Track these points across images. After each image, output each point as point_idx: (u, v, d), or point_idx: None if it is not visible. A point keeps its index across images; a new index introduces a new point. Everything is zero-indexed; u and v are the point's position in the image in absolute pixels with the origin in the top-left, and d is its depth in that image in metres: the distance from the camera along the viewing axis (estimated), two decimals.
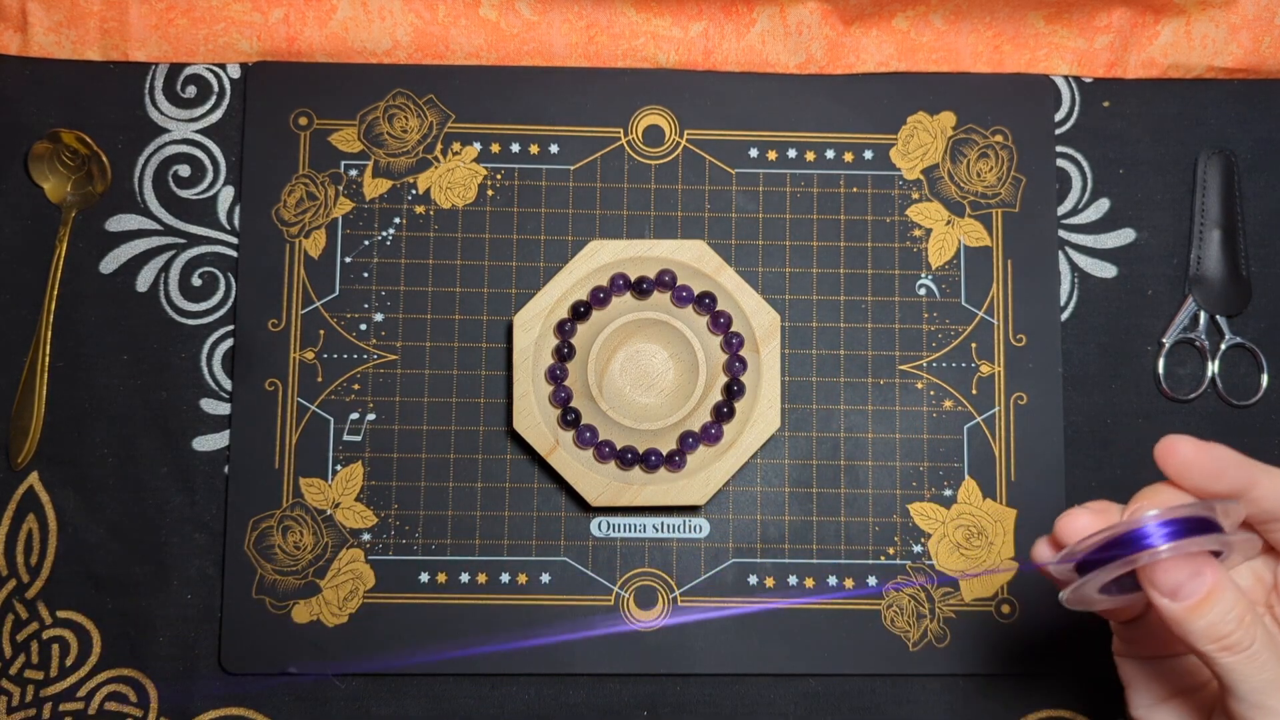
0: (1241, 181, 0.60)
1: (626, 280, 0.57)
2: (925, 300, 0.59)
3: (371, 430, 0.58)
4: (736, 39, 0.61)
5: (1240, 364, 0.59)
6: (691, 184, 0.60)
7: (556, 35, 0.61)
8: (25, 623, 0.56)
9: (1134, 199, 0.60)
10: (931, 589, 0.57)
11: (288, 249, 0.59)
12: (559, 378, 0.57)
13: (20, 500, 0.57)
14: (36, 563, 0.57)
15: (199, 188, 0.59)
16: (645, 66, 0.61)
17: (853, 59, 0.61)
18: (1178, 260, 0.60)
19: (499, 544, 0.57)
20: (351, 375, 0.58)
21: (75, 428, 0.57)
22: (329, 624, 0.56)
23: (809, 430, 0.58)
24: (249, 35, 0.60)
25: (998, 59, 0.62)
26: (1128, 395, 0.59)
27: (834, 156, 0.60)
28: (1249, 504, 0.36)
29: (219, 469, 0.58)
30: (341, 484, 0.57)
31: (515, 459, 0.58)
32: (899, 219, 0.60)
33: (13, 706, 0.56)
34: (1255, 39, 0.62)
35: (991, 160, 0.60)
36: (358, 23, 0.60)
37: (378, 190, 0.59)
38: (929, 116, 0.60)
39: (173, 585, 0.57)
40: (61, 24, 0.60)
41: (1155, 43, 0.62)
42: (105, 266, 0.59)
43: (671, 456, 0.56)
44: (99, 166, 0.59)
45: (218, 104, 0.60)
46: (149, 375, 0.58)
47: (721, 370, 0.57)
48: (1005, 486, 0.58)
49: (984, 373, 0.59)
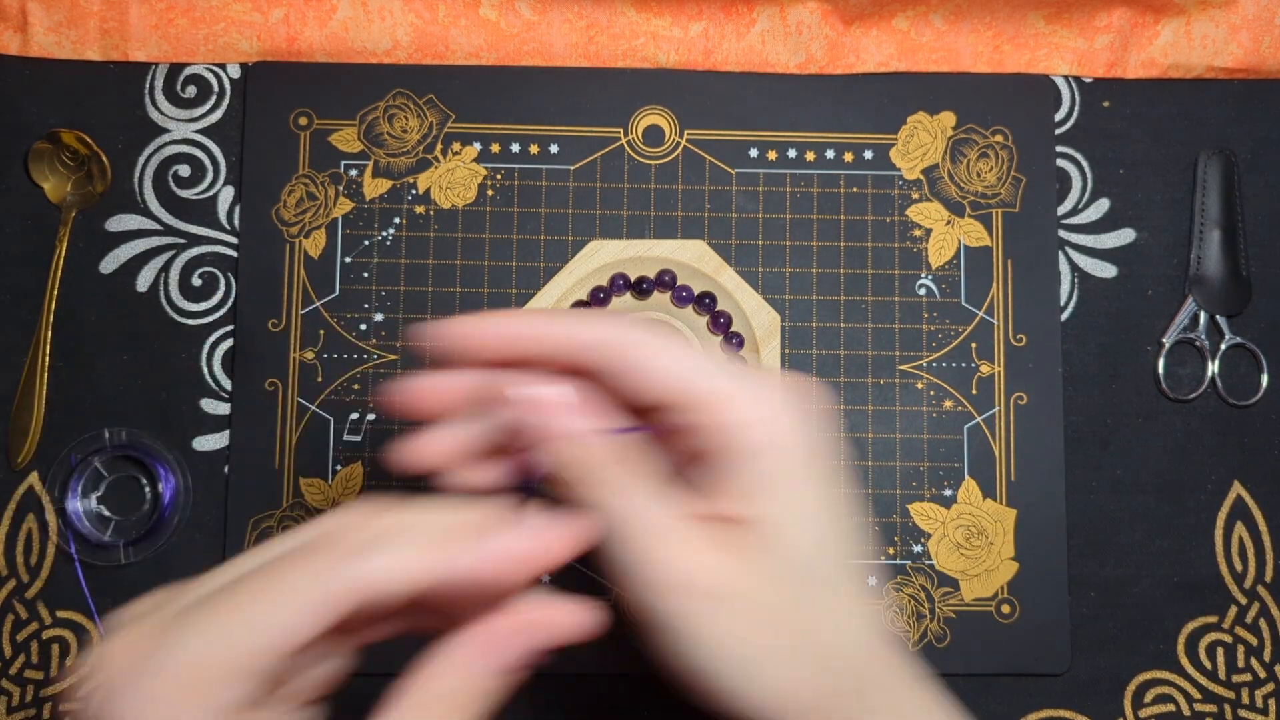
0: (1241, 181, 0.60)
1: (626, 280, 0.57)
2: (925, 300, 0.59)
3: (371, 430, 0.58)
4: (736, 39, 0.61)
5: (1240, 364, 0.59)
6: (691, 184, 0.60)
7: (556, 35, 0.61)
8: (25, 623, 0.56)
9: (1134, 199, 0.60)
10: (931, 589, 0.57)
11: (288, 249, 0.59)
12: None
13: (20, 500, 0.57)
14: (36, 563, 0.57)
15: (199, 188, 0.59)
16: (645, 66, 0.61)
17: (853, 59, 0.61)
18: (1178, 260, 0.60)
19: None
20: (351, 375, 0.58)
21: (75, 428, 0.57)
22: None
23: None
24: (249, 35, 0.60)
25: (998, 59, 0.62)
26: (1128, 395, 0.59)
27: (834, 156, 0.60)
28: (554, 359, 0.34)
29: (219, 469, 0.58)
30: (341, 484, 0.57)
31: None
32: (899, 219, 0.60)
33: (13, 706, 0.56)
34: (1255, 39, 0.62)
35: (991, 160, 0.60)
36: (358, 23, 0.60)
37: (378, 190, 0.59)
38: (929, 116, 0.60)
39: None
40: (61, 24, 0.60)
41: (1155, 43, 0.62)
42: (105, 266, 0.59)
43: None
44: (99, 166, 0.59)
45: (218, 104, 0.60)
46: (149, 375, 0.58)
47: None
48: (1005, 486, 0.58)
49: (984, 373, 0.59)
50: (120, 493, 0.58)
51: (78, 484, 0.57)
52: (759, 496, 0.34)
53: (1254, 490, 0.58)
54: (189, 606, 0.29)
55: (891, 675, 0.35)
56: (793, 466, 0.34)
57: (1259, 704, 0.57)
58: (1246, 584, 0.58)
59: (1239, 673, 0.57)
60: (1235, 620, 0.58)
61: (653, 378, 0.34)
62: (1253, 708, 0.57)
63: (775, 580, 0.33)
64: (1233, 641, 0.57)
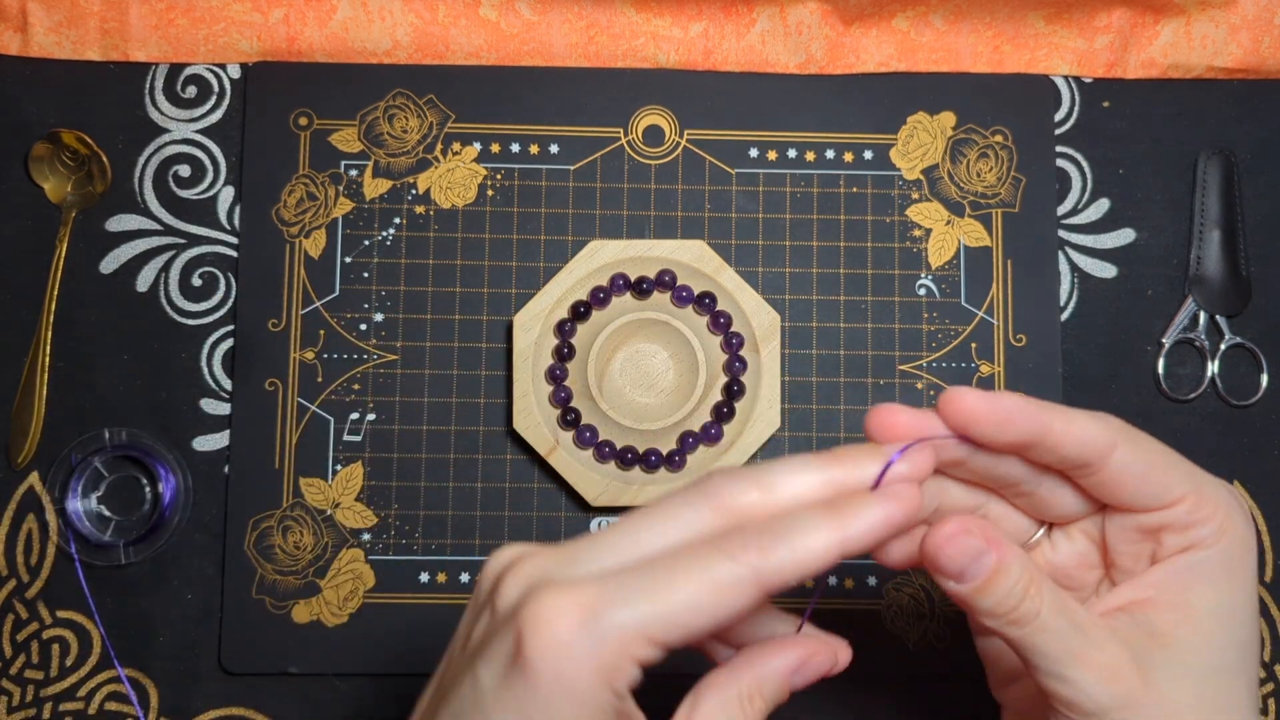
0: (1241, 181, 0.60)
1: (626, 280, 0.57)
2: (925, 300, 0.59)
3: (371, 430, 0.58)
4: (736, 39, 0.61)
5: (1240, 364, 0.59)
6: (691, 184, 0.60)
7: (556, 35, 0.61)
8: (25, 623, 0.56)
9: (1134, 199, 0.60)
10: (931, 589, 0.57)
11: (288, 249, 0.59)
12: (559, 378, 0.57)
13: (20, 500, 0.57)
14: (36, 563, 0.57)
15: (199, 188, 0.59)
16: (645, 66, 0.61)
17: (853, 59, 0.61)
18: (1178, 260, 0.60)
19: (499, 544, 0.57)
20: (351, 375, 0.58)
21: (75, 428, 0.57)
22: (329, 624, 0.56)
23: (809, 430, 0.58)
24: (249, 35, 0.60)
25: (998, 59, 0.62)
26: (1128, 395, 0.59)
27: (834, 156, 0.60)
28: (1045, 453, 0.34)
29: (219, 469, 0.58)
30: (341, 484, 0.57)
31: (515, 459, 0.58)
32: (899, 219, 0.60)
33: (13, 706, 0.56)
34: (1255, 39, 0.62)
35: (991, 160, 0.60)
36: (358, 23, 0.60)
37: (378, 190, 0.59)
38: (929, 116, 0.60)
39: (173, 585, 0.57)
40: (61, 24, 0.60)
41: (1155, 43, 0.62)
42: (105, 266, 0.59)
43: (671, 457, 0.56)
44: (99, 166, 0.59)
45: (218, 104, 0.60)
46: (149, 375, 0.58)
47: (721, 370, 0.57)
48: None
49: (984, 373, 0.59)
50: (120, 493, 0.58)
51: (78, 484, 0.57)
52: (1193, 587, 0.35)
53: (1254, 490, 0.58)
54: (622, 575, 0.30)
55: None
56: (1240, 565, 0.35)
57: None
58: None
59: None
60: None
61: (1151, 479, 0.35)
62: None
63: (1179, 675, 0.34)
64: None
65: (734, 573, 0.30)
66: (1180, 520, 0.35)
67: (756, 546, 0.30)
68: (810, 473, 0.32)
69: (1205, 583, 0.35)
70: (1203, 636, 0.34)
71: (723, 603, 0.30)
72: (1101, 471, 0.35)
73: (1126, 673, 0.34)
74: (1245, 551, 0.35)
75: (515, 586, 0.31)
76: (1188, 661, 0.34)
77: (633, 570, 0.30)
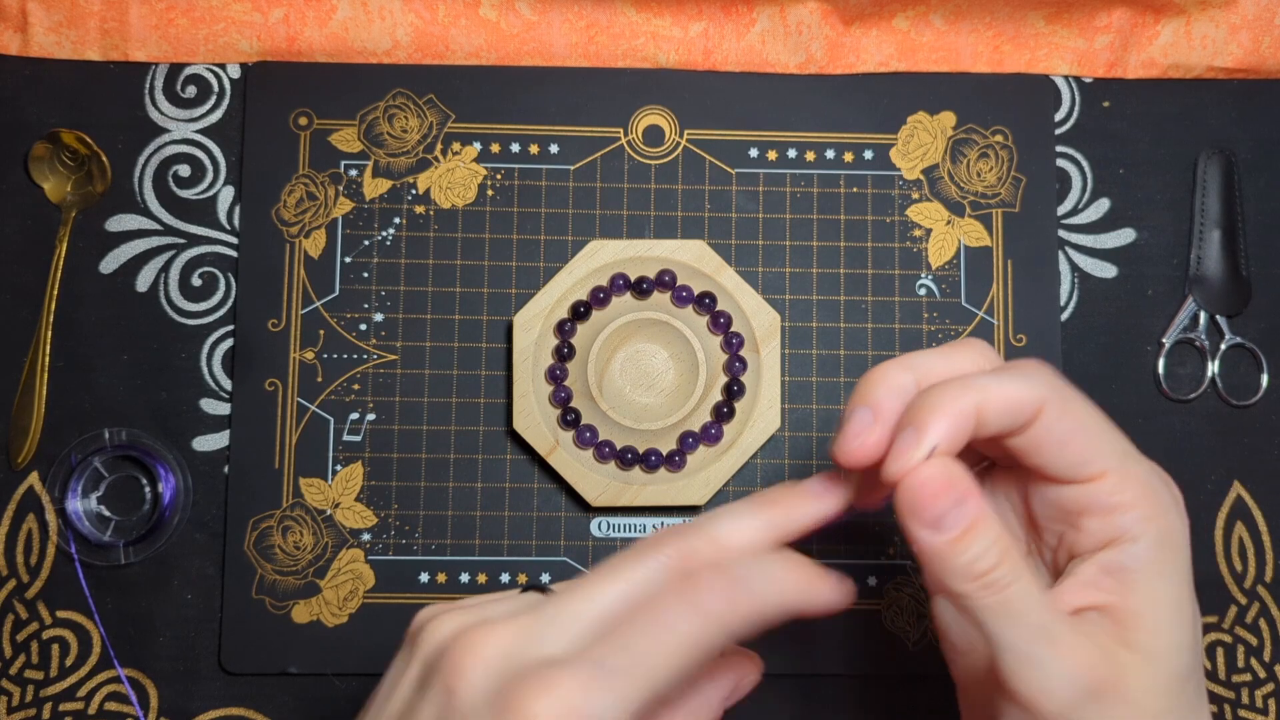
0: (1241, 181, 0.60)
1: (626, 280, 0.57)
2: (925, 300, 0.59)
3: (371, 430, 0.58)
4: (736, 39, 0.61)
5: (1240, 364, 0.59)
6: (691, 184, 0.60)
7: (556, 35, 0.61)
8: (25, 623, 0.56)
9: (1134, 199, 0.60)
10: None
11: (288, 249, 0.59)
12: (559, 378, 0.57)
13: (20, 500, 0.57)
14: (36, 563, 0.57)
15: (199, 188, 0.59)
16: (645, 66, 0.61)
17: (853, 59, 0.61)
18: (1178, 260, 0.60)
19: (499, 544, 0.57)
20: (351, 375, 0.58)
21: (75, 428, 0.57)
22: (329, 624, 0.56)
23: (809, 430, 0.58)
24: (249, 35, 0.60)
25: (998, 59, 0.62)
26: (1128, 395, 0.59)
27: (834, 156, 0.60)
28: (980, 427, 0.32)
29: (219, 469, 0.58)
30: (341, 484, 0.57)
31: (515, 459, 0.58)
32: (899, 219, 0.60)
33: (13, 706, 0.56)
34: (1255, 39, 0.62)
35: (991, 160, 0.60)
36: (358, 23, 0.60)
37: (378, 190, 0.59)
38: (929, 116, 0.60)
39: (173, 585, 0.57)
40: (61, 24, 0.60)
41: (1155, 43, 0.62)
42: (105, 266, 0.59)
43: (671, 456, 0.56)
44: (99, 166, 0.59)
45: (218, 104, 0.60)
46: (149, 375, 0.58)
47: (721, 370, 0.57)
48: None
49: None
50: (120, 493, 0.58)
51: (78, 484, 0.57)
52: (1139, 589, 0.33)
53: (1254, 490, 0.58)
54: (596, 653, 0.29)
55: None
56: (1176, 563, 0.33)
57: (1259, 704, 0.57)
58: (1246, 584, 0.58)
59: (1239, 673, 0.57)
60: (1235, 620, 0.58)
61: (1072, 448, 0.33)
62: (1253, 708, 0.57)
63: (1148, 681, 0.32)
64: (1232, 641, 0.57)
65: (703, 626, 0.29)
66: (1101, 501, 0.33)
67: (721, 590, 0.30)
68: (750, 519, 0.33)
69: (1147, 586, 0.33)
70: (1161, 640, 0.33)
71: (696, 656, 0.29)
72: (1025, 432, 0.33)
73: (1096, 662, 0.32)
74: (1176, 549, 0.34)
75: (482, 674, 0.29)
76: (1155, 667, 0.33)
77: (604, 643, 0.29)
